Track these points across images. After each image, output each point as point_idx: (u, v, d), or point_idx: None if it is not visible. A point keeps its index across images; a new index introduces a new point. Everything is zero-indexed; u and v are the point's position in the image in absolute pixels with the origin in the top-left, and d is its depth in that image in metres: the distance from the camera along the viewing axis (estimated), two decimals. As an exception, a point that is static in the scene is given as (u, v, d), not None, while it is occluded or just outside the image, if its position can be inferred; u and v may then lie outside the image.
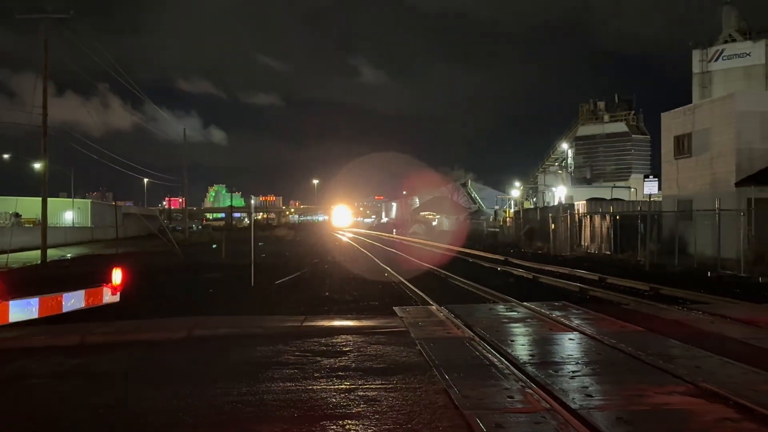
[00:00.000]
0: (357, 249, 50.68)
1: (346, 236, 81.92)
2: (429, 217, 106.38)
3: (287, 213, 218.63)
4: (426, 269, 29.46)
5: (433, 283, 23.22)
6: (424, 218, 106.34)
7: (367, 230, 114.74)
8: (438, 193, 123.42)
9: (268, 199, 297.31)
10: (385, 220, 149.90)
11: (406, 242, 62.55)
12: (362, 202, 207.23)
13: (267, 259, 34.63)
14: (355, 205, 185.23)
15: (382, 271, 28.97)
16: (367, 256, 40.23)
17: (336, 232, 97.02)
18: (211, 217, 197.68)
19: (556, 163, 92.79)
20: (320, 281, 24.61)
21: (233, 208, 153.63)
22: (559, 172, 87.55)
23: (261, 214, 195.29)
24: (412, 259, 35.71)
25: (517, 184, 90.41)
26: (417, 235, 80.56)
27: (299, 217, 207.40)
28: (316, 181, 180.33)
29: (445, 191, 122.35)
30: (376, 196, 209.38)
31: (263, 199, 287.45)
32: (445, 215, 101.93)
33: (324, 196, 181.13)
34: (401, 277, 24.71)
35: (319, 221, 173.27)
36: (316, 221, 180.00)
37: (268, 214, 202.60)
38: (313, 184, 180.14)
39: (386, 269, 29.34)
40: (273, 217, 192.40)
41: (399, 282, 23.81)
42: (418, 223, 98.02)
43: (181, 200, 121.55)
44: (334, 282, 24.32)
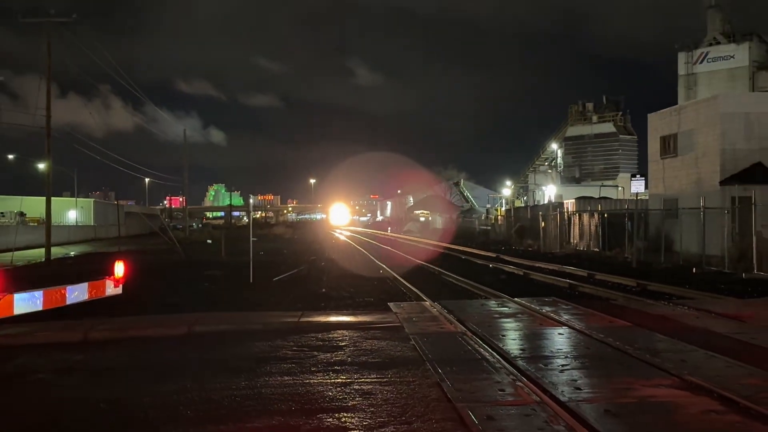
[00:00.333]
0: (353, 246, 50.67)
1: (343, 234, 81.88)
2: (423, 216, 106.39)
3: (285, 212, 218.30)
4: (420, 266, 29.48)
5: (427, 280, 23.24)
6: (417, 217, 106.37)
7: (363, 228, 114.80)
8: (431, 192, 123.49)
9: (267, 198, 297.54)
10: (380, 219, 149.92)
11: (401, 240, 62.58)
12: (358, 201, 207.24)
13: (265, 257, 34.60)
14: (351, 203, 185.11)
15: (377, 268, 28.97)
16: (362, 254, 40.23)
17: (333, 230, 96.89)
18: (210, 216, 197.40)
19: (546, 163, 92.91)
20: (317, 278, 24.60)
21: (232, 207, 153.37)
22: (549, 171, 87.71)
23: (259, 212, 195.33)
24: (406, 256, 35.72)
25: (509, 183, 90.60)
26: (411, 233, 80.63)
27: (297, 216, 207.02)
28: (312, 180, 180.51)
29: (438, 190, 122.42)
30: (371, 195, 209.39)
31: (261, 198, 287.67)
32: (438, 214, 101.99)
33: (320, 195, 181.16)
34: (396, 274, 24.72)
35: (317, 220, 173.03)
36: (313, 220, 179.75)
37: (267, 212, 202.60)
38: (310, 184, 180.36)
39: (381, 266, 29.35)
40: (271, 216, 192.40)
41: (393, 278, 23.82)
42: (412, 222, 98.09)
43: (181, 199, 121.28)
44: (331, 279, 24.32)
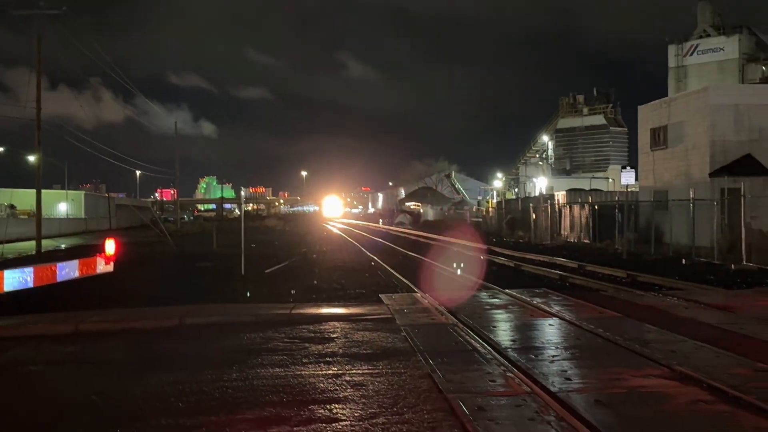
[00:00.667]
0: (344, 239, 50.66)
1: (335, 227, 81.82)
2: (414, 208, 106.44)
3: (277, 204, 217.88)
4: (411, 258, 29.50)
5: (418, 271, 23.24)
6: (409, 209, 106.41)
7: (355, 221, 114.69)
8: (423, 185, 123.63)
9: (258, 191, 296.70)
10: (371, 211, 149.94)
11: (392, 232, 62.60)
12: (349, 194, 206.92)
13: (257, 249, 34.56)
14: (342, 196, 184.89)
15: (369, 259, 28.99)
16: (354, 245, 40.23)
17: (326, 222, 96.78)
18: (202, 208, 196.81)
19: (537, 155, 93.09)
20: (309, 270, 24.58)
21: (224, 200, 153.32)
22: (540, 163, 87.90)
23: (251, 205, 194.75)
24: (397, 248, 35.75)
25: (500, 175, 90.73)
26: (402, 225, 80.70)
27: (290, 208, 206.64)
28: (304, 173, 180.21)
29: (430, 182, 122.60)
30: (363, 188, 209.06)
31: (253, 191, 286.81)
32: (429, 206, 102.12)
33: (312, 188, 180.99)
34: (387, 266, 24.75)
35: (310, 212, 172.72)
36: (306, 212, 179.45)
37: (258, 205, 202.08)
38: (302, 176, 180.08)
39: (373, 258, 29.37)
40: (263, 208, 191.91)
41: (385, 270, 23.84)
42: (404, 214, 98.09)
43: (172, 192, 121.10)
44: (322, 271, 24.31)
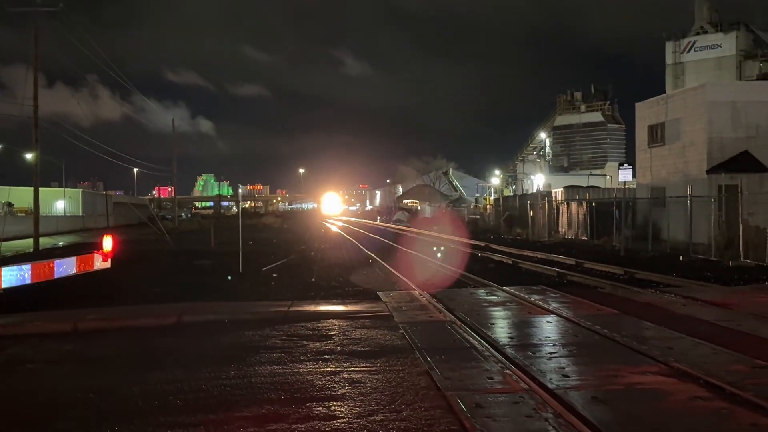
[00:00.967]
0: (343, 236, 50.65)
1: (333, 224, 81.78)
2: (412, 205, 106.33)
3: (275, 201, 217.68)
4: (409, 255, 29.49)
5: (416, 269, 23.24)
6: (407, 206, 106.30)
7: (353, 218, 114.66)
8: (420, 182, 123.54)
9: (256, 188, 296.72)
10: (369, 208, 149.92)
11: (390, 229, 62.58)
12: (347, 191, 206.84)
13: (255, 247, 34.54)
14: (340, 193, 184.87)
15: (367, 257, 28.99)
16: (352, 243, 40.24)
17: (325, 220, 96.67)
18: (200, 206, 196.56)
19: (535, 152, 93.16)
20: (307, 267, 24.57)
21: (221, 197, 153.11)
22: (538, 160, 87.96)
23: (249, 202, 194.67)
24: (395, 246, 35.75)
25: (497, 172, 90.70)
26: (401, 222, 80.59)
27: (288, 205, 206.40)
28: (302, 170, 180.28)
29: (428, 180, 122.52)
30: (360, 185, 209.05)
31: (250, 188, 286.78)
32: (427, 203, 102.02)
33: (310, 185, 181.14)
34: (385, 263, 24.75)
35: (308, 209, 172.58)
36: (305, 209, 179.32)
37: (256, 202, 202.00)
38: (300, 174, 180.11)
39: (371, 255, 29.37)
40: (260, 206, 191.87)
41: (383, 267, 23.84)
42: (402, 211, 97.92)
43: (170, 189, 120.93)
44: (320, 268, 24.30)
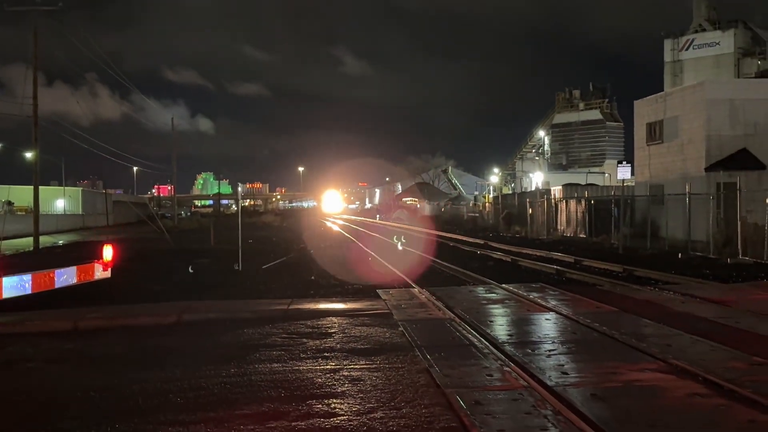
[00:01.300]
0: (342, 234, 50.64)
1: (333, 222, 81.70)
2: (411, 203, 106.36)
3: (274, 199, 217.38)
4: (408, 253, 29.49)
5: (415, 267, 23.22)
6: (406, 204, 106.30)
7: (353, 216, 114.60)
8: (420, 180, 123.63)
9: (255, 187, 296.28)
10: (368, 206, 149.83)
11: (390, 227, 62.48)
12: (346, 189, 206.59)
13: (254, 245, 34.52)
14: (340, 191, 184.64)
15: (367, 255, 28.97)
16: (351, 241, 40.21)
17: (325, 218, 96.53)
18: (199, 204, 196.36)
19: (534, 150, 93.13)
20: (306, 266, 24.54)
21: (221, 195, 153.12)
22: (536, 158, 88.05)
23: (248, 200, 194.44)
24: (395, 244, 35.71)
25: (496, 170, 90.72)
26: (400, 220, 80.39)
27: (288, 203, 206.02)
28: (301, 168, 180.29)
29: (427, 178, 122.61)
30: (360, 183, 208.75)
31: (250, 187, 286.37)
32: (426, 201, 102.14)
33: (309, 184, 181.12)
34: (385, 261, 24.73)
35: (308, 207, 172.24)
36: (305, 207, 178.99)
37: (255, 200, 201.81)
38: (299, 172, 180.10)
39: (370, 254, 29.35)
40: (260, 204, 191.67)
41: (382, 265, 23.81)
42: (401, 209, 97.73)
43: (170, 188, 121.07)
44: (320, 266, 24.25)
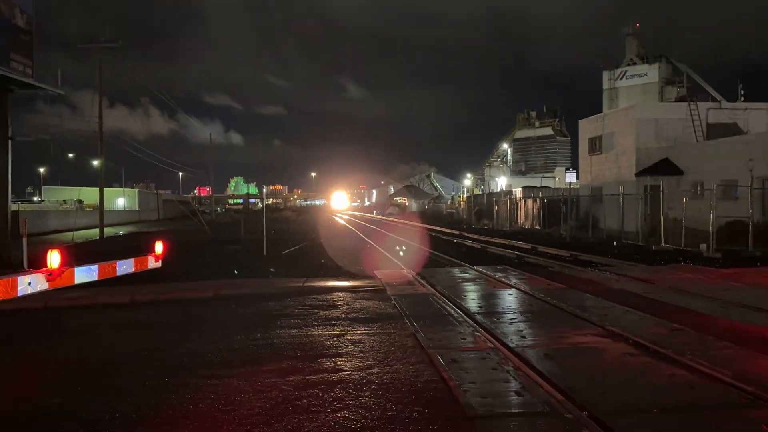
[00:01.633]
0: (345, 227, 50.59)
1: (339, 217, 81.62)
2: (401, 202, 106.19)
3: (292, 198, 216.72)
4: (399, 241, 29.48)
5: (404, 252, 23.25)
6: (397, 202, 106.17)
7: (355, 212, 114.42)
8: (408, 183, 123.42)
9: (276, 188, 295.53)
10: (367, 204, 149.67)
11: (384, 221, 62.51)
12: (349, 190, 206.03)
13: (276, 235, 34.42)
14: (346, 191, 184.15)
15: (364, 242, 28.96)
16: (353, 232, 40.19)
17: (333, 214, 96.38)
18: (232, 202, 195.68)
19: (499, 159, 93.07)
20: (318, 252, 24.51)
21: (249, 195, 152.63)
22: (501, 166, 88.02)
23: (271, 199, 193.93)
24: (388, 234, 35.71)
25: (469, 175, 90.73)
26: (392, 215, 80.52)
27: (304, 202, 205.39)
28: (313, 173, 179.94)
29: (414, 181, 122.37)
30: (360, 185, 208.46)
31: (272, 188, 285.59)
32: (413, 200, 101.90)
33: (320, 185, 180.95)
34: (380, 248, 24.72)
35: (320, 205, 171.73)
36: (317, 205, 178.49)
37: (277, 199, 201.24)
38: (311, 176, 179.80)
39: (368, 242, 29.34)
40: (280, 202, 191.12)
41: (377, 250, 23.81)
42: (393, 206, 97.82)
43: (208, 189, 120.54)
44: (329, 252, 24.24)
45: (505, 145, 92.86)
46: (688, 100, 35.97)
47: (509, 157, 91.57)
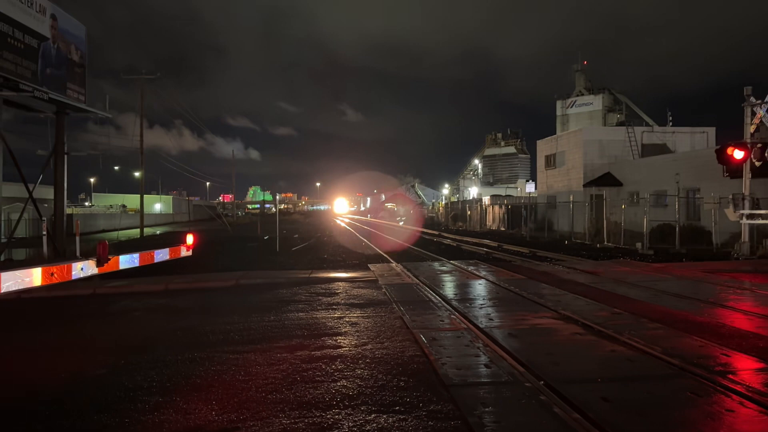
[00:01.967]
0: (345, 228, 50.47)
1: (340, 220, 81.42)
2: (391, 207, 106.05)
3: (300, 204, 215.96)
4: (388, 240, 29.46)
5: (394, 249, 23.23)
6: (388, 208, 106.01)
7: (353, 216, 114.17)
8: (396, 191, 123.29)
9: (287, 195, 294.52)
10: (363, 209, 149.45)
11: (376, 223, 62.45)
12: (348, 197, 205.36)
13: (286, 234, 34.35)
14: (347, 198, 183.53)
15: (360, 241, 28.91)
16: (351, 232, 40.10)
17: (335, 217, 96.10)
18: (251, 207, 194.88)
19: (471, 173, 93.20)
20: (321, 248, 24.47)
21: (265, 201, 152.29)
22: (473, 178, 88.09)
23: (283, 205, 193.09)
24: (379, 234, 35.70)
25: (447, 185, 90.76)
26: (383, 218, 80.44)
27: (310, 207, 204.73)
28: (318, 183, 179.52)
29: (401, 190, 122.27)
30: (357, 193, 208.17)
31: (284, 195, 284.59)
32: (401, 206, 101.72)
33: (324, 193, 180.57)
34: (373, 245, 24.69)
35: (324, 210, 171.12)
36: (322, 210, 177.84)
37: (288, 205, 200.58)
38: (317, 185, 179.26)
39: (363, 240, 29.30)
40: (291, 207, 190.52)
41: (371, 248, 23.78)
42: (384, 211, 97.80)
43: (231, 196, 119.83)
44: (330, 249, 24.19)
45: (477, 161, 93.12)
46: (627, 124, 36.26)
47: (480, 171, 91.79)
